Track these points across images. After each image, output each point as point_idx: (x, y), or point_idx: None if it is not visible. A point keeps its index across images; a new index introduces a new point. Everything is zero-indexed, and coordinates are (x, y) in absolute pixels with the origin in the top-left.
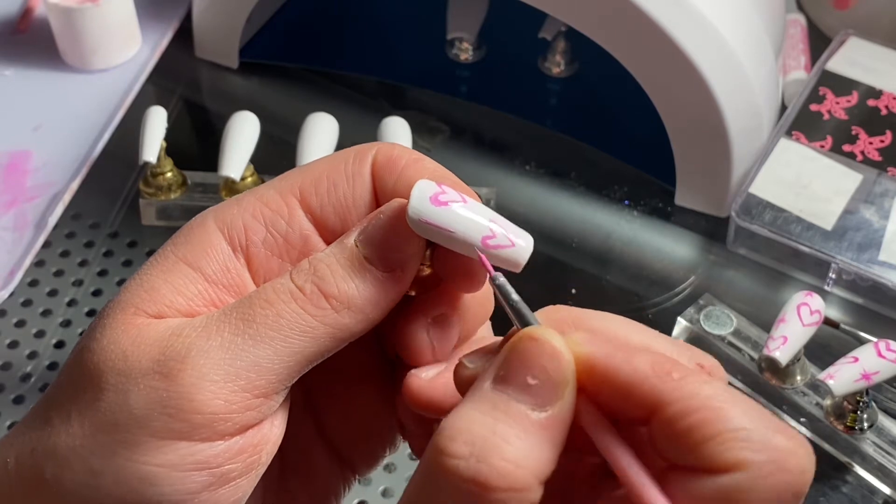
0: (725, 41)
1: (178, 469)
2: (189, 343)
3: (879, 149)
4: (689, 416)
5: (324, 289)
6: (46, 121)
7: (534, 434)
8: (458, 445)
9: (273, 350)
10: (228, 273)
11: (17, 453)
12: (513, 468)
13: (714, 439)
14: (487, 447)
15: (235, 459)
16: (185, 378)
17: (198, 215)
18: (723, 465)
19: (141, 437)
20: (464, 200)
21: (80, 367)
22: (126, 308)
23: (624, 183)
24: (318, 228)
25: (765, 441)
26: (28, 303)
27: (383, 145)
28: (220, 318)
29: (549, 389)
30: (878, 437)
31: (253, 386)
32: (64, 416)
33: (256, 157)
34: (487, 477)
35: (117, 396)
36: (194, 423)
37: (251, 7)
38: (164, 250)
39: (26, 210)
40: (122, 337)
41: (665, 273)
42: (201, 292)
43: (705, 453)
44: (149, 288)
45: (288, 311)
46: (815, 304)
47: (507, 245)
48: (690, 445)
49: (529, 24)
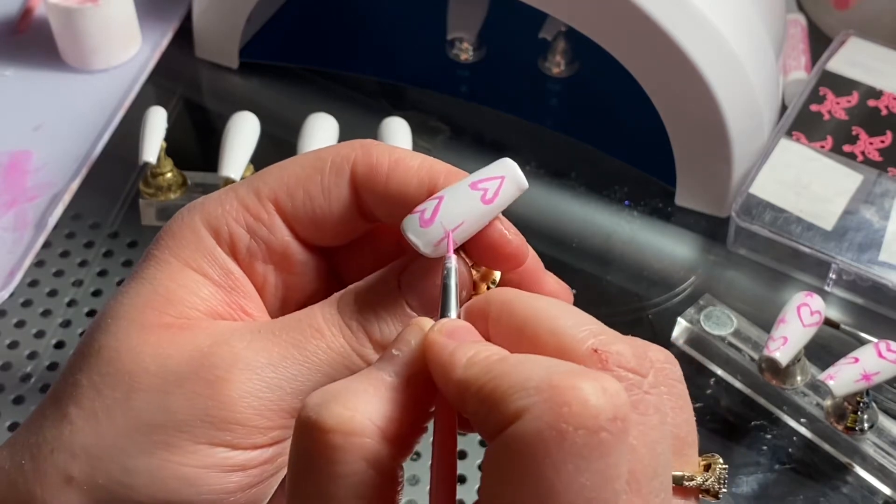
0: (726, 41)
1: (216, 470)
2: (236, 354)
3: (880, 149)
4: (482, 389)
5: (368, 330)
6: (46, 121)
7: (382, 392)
8: (312, 397)
9: (318, 377)
10: (231, 276)
11: (31, 454)
12: (350, 413)
13: (499, 401)
14: (334, 397)
15: (269, 462)
16: (231, 390)
17: (181, 214)
18: (505, 420)
19: (180, 441)
20: (441, 198)
21: (104, 366)
22: (144, 311)
23: (624, 183)
24: (295, 235)
25: (540, 383)
26: (28, 303)
27: (359, 153)
28: (269, 336)
29: (404, 359)
30: (879, 437)
31: (293, 408)
32: (89, 415)
33: (256, 157)
34: (324, 419)
35: (155, 398)
36: (235, 433)
37: (251, 7)
38: (162, 254)
39: (26, 210)
40: (153, 338)
41: (665, 273)
42: (213, 294)
43: (493, 418)
44: (163, 291)
45: (337, 346)
46: (815, 305)
47: (499, 182)
48: (485, 418)
49: (529, 24)
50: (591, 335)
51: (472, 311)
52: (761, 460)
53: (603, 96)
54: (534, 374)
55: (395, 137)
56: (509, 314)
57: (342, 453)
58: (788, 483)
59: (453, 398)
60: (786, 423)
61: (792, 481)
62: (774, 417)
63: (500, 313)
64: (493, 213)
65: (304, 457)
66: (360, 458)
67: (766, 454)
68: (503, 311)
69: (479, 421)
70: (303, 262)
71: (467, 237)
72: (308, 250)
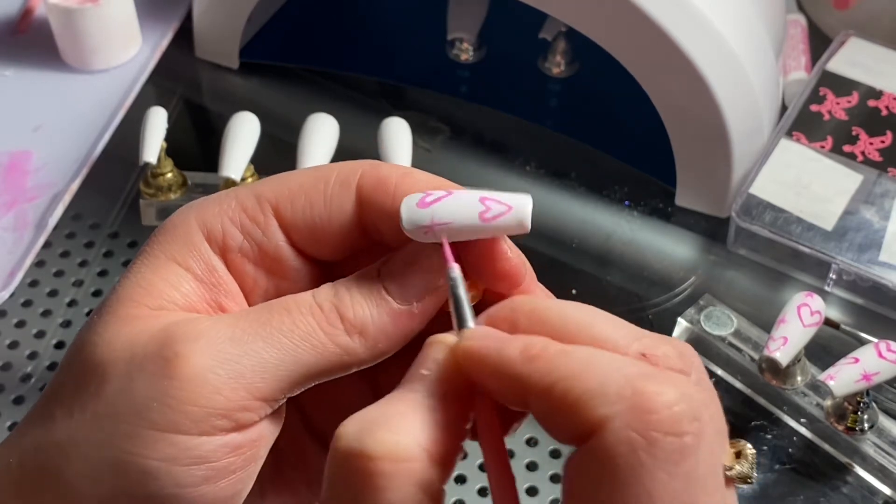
0: (725, 41)
1: (178, 463)
2: (200, 330)
3: (880, 149)
4: (552, 390)
5: (341, 310)
6: (46, 121)
7: (421, 413)
8: (347, 426)
9: (281, 355)
10: (215, 273)
11: (20, 453)
12: (395, 438)
13: (575, 406)
14: (375, 423)
15: (234, 454)
16: (187, 366)
17: (178, 212)
18: (588, 429)
19: (140, 430)
20: (449, 193)
21: (83, 361)
22: (124, 302)
23: (624, 183)
24: (290, 242)
25: (620, 390)
26: (28, 303)
27: (367, 167)
28: (237, 315)
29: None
30: (879, 437)
31: (255, 388)
32: (66, 410)
33: (256, 157)
34: (369, 447)
35: (121, 384)
36: (192, 416)
37: (251, 7)
38: (152, 249)
39: (26, 210)
40: (126, 327)
41: (665, 274)
42: (194, 290)
43: (571, 424)
44: (145, 284)
45: (304, 323)
46: (815, 305)
47: (505, 210)
48: (560, 422)
49: (529, 25)
50: (634, 339)
51: (496, 320)
52: (761, 460)
53: (603, 96)
54: (609, 377)
55: (395, 137)
56: (541, 322)
57: (393, 480)
58: (788, 483)
59: (512, 396)
60: (786, 423)
61: (792, 481)
62: (774, 417)
63: (529, 321)
64: (483, 231)
65: (350, 488)
66: (411, 484)
67: (766, 454)
68: (533, 318)
69: (547, 420)
70: (296, 268)
71: (450, 239)
72: (303, 258)
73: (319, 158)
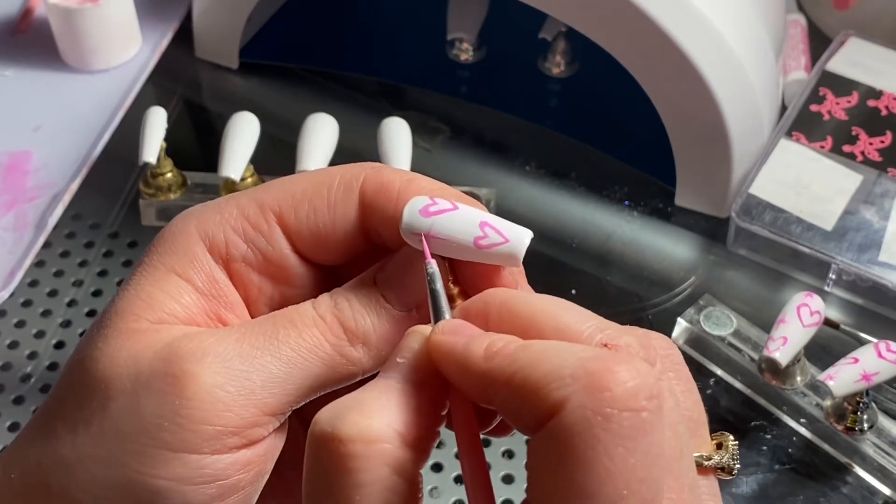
0: (725, 41)
1: (189, 482)
2: (205, 347)
3: (880, 149)
4: (511, 381)
5: (343, 321)
6: (46, 121)
7: (395, 398)
8: (323, 412)
9: (289, 369)
10: (216, 284)
11: (20, 467)
12: (367, 420)
13: (533, 392)
14: (347, 408)
15: (244, 470)
16: (197, 384)
17: (177, 220)
18: (546, 412)
19: (149, 448)
20: (455, 207)
21: (85, 376)
22: (125, 316)
23: (624, 183)
24: (294, 249)
25: (575, 371)
26: (28, 303)
27: (370, 172)
28: (241, 329)
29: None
30: (878, 437)
31: (264, 403)
32: (69, 426)
33: (256, 157)
34: (342, 430)
35: (127, 402)
36: (204, 434)
37: (251, 7)
38: (151, 260)
39: (26, 210)
40: (128, 342)
41: (665, 273)
42: (195, 302)
43: (531, 411)
44: (145, 297)
45: (310, 335)
46: (815, 305)
47: (501, 242)
48: (521, 411)
49: (529, 25)
50: (598, 330)
51: (469, 312)
52: (761, 460)
53: (603, 96)
54: (564, 361)
55: (395, 137)
56: (510, 314)
57: (365, 461)
58: (788, 483)
59: (476, 392)
60: (786, 423)
61: (792, 481)
62: (774, 418)
63: (500, 313)
64: (474, 256)
65: (324, 471)
66: (383, 465)
67: (766, 454)
68: (503, 310)
69: (511, 413)
70: (300, 275)
71: (442, 252)
72: (307, 265)
73: (319, 158)
